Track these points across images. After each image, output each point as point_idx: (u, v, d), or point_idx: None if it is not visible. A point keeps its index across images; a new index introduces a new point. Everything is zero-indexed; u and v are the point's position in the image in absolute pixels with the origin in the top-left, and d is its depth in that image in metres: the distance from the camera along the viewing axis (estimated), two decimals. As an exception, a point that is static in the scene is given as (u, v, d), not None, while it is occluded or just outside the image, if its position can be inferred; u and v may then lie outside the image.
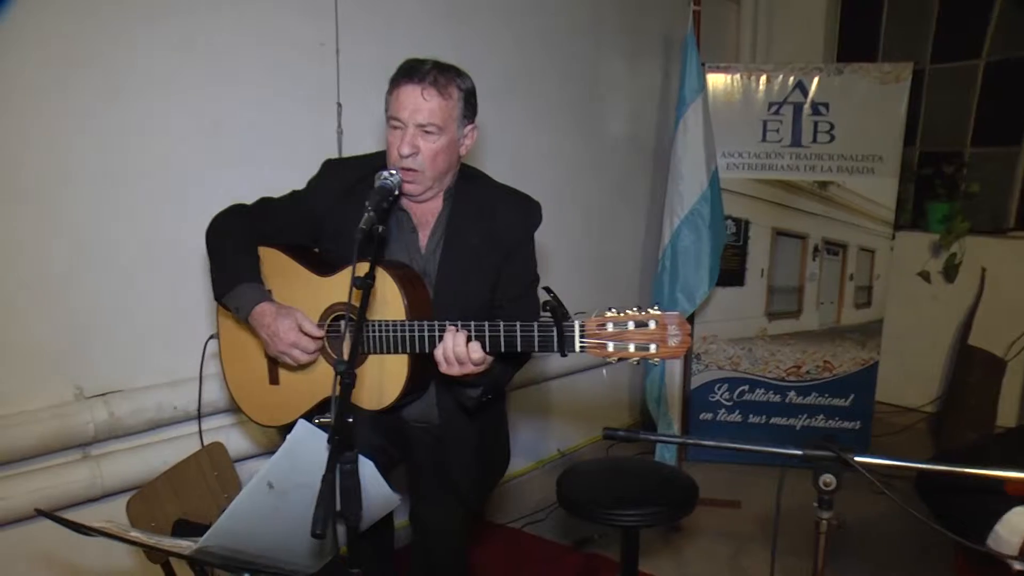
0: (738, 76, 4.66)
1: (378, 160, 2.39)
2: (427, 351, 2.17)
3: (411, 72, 2.25)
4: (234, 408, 2.58)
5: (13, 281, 2.61)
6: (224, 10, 2.97)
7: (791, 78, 4.65)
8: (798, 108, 4.66)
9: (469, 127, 2.37)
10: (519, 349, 2.10)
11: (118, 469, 2.82)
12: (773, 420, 4.89)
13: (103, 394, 2.83)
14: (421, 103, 2.23)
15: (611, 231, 5.01)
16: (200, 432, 2.94)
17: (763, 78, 4.66)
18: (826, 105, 4.64)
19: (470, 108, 2.36)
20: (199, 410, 2.94)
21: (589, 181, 4.77)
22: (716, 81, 4.65)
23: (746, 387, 4.90)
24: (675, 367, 4.71)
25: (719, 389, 4.91)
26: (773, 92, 4.66)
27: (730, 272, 4.80)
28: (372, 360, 2.26)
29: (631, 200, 5.14)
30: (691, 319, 4.64)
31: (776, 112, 4.67)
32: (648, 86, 5.13)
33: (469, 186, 2.45)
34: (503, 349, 2.11)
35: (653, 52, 5.12)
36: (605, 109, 4.83)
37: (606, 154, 4.86)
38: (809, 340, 4.88)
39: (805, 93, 4.65)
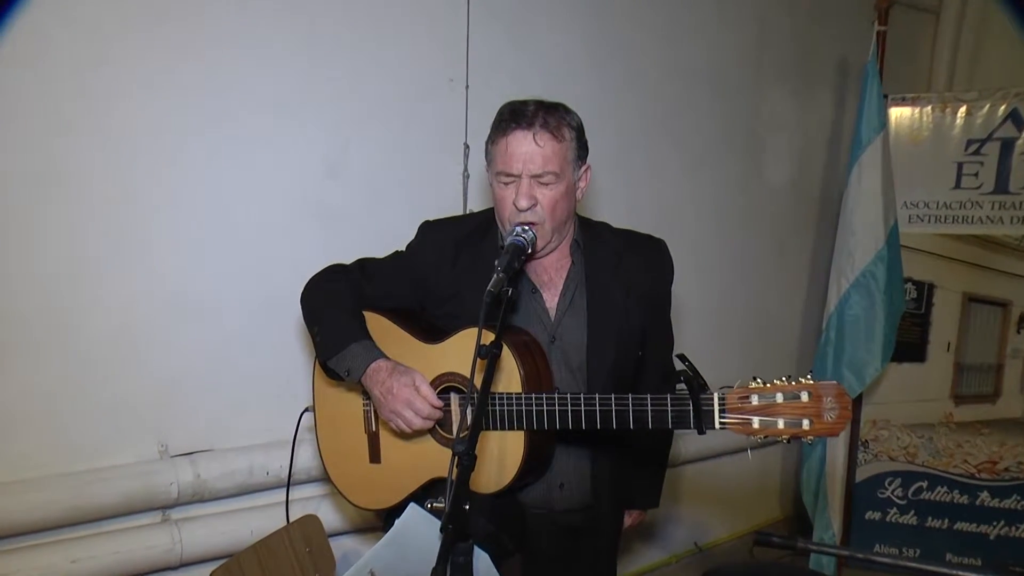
0: (928, 109, 4.57)
1: (477, 219, 2.55)
2: (545, 427, 2.23)
3: (517, 117, 2.34)
4: (328, 478, 2.68)
5: (100, 328, 2.84)
6: (344, 40, 3.21)
7: (1001, 107, 4.46)
8: (1008, 145, 4.46)
9: (583, 168, 2.46)
10: (650, 426, 2.14)
11: (200, 536, 2.98)
12: (958, 525, 4.68)
13: (190, 453, 3.02)
14: (535, 150, 2.31)
15: (766, 294, 5.00)
16: (287, 502, 3.07)
17: (962, 110, 4.52)
18: (1047, 140, 4.43)
19: (582, 147, 2.44)
20: (289, 478, 3.08)
21: (744, 234, 4.79)
22: (900, 116, 4.59)
23: (924, 483, 4.74)
24: (837, 455, 4.65)
25: (890, 484, 4.77)
26: (974, 127, 4.51)
27: (908, 345, 4.70)
28: (485, 437, 2.32)
29: (792, 258, 5.13)
30: (859, 400, 4.57)
31: (977, 151, 4.52)
32: (818, 122, 5.12)
33: (595, 236, 2.56)
34: (632, 426, 2.15)
35: (825, 82, 5.11)
36: (766, 150, 4.85)
37: (765, 203, 4.88)
38: (1009, 430, 4.68)
39: (1020, 126, 4.44)
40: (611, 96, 3.84)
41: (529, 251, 2.30)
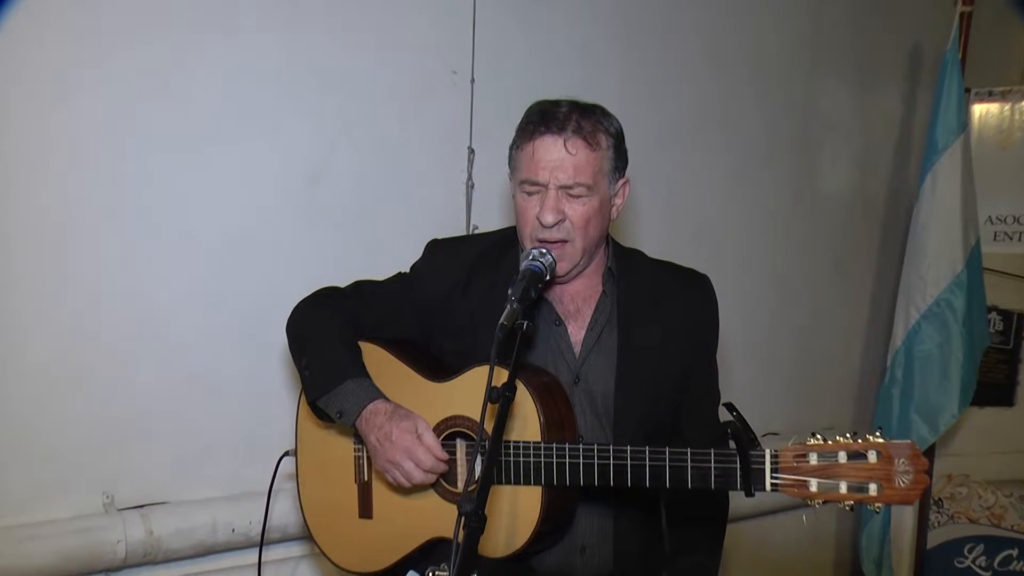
0: (1022, 105, 4.64)
1: (494, 239, 2.66)
2: (567, 482, 2.30)
3: (547, 119, 2.42)
4: (308, 535, 2.75)
5: (35, 355, 2.89)
6: (331, 24, 3.30)
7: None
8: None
9: (620, 182, 2.55)
10: (689, 484, 2.21)
11: (152, 606, 3.03)
12: (1058, 604, 4.73)
13: (141, 505, 3.06)
14: (565, 158, 2.39)
15: (820, 324, 5.01)
16: (259, 564, 3.08)
17: (1068, 104, 4.55)
18: None
19: (621, 158, 2.53)
20: (263, 535, 3.08)
21: (793, 255, 4.82)
22: (986, 114, 4.68)
23: (1013, 552, 4.80)
24: (905, 516, 4.74)
25: (970, 551, 4.83)
26: (1081, 124, 4.54)
27: (993, 386, 4.77)
28: (496, 492, 2.34)
29: (851, 283, 5.15)
30: (931, 451, 4.62)
31: (1084, 155, 4.55)
32: (884, 122, 5.14)
33: (630, 265, 2.65)
34: (668, 484, 2.22)
35: (894, 74, 5.14)
36: (822, 155, 4.88)
37: (819, 218, 4.91)
38: (1121, 488, 4.72)
39: None
40: (641, 92, 3.91)
41: (547, 277, 2.36)
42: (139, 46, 2.96)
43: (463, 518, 1.83)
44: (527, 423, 2.36)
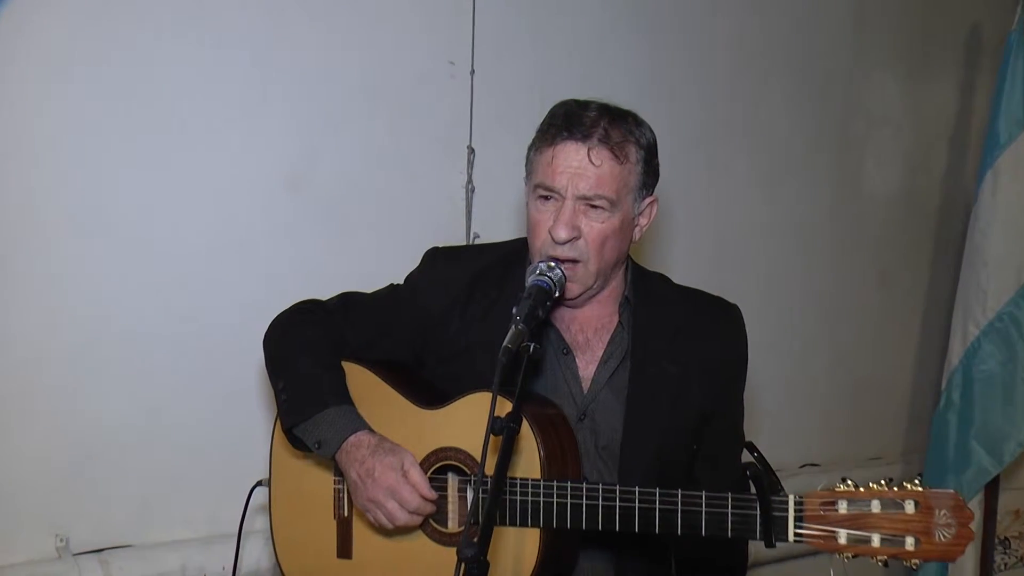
0: None
1: (502, 251, 2.66)
2: (568, 525, 2.29)
3: (572, 123, 2.40)
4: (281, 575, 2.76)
5: None
6: (314, 11, 3.31)
7: None
8: None
9: (648, 200, 2.54)
10: (703, 532, 2.20)
11: (111, 666, 3.03)
12: None
13: (100, 550, 3.05)
14: (587, 168, 2.37)
15: (864, 343, 5.01)
16: None
17: None
18: None
19: (651, 174, 2.51)
20: None
21: (832, 264, 4.82)
22: None
23: None
24: (965, 558, 4.66)
25: None
26: None
27: (1067, 410, 4.69)
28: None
29: (898, 297, 5.14)
30: (995, 483, 4.63)
31: None
32: (936, 115, 5.14)
33: (650, 293, 2.64)
34: (680, 531, 2.22)
35: (948, 60, 5.12)
36: (863, 156, 4.87)
37: (863, 223, 4.91)
38: None
39: None
40: (661, 86, 3.93)
41: (557, 294, 2.34)
42: (101, 38, 2.97)
43: (463, 564, 1.84)
44: (527, 459, 2.35)
